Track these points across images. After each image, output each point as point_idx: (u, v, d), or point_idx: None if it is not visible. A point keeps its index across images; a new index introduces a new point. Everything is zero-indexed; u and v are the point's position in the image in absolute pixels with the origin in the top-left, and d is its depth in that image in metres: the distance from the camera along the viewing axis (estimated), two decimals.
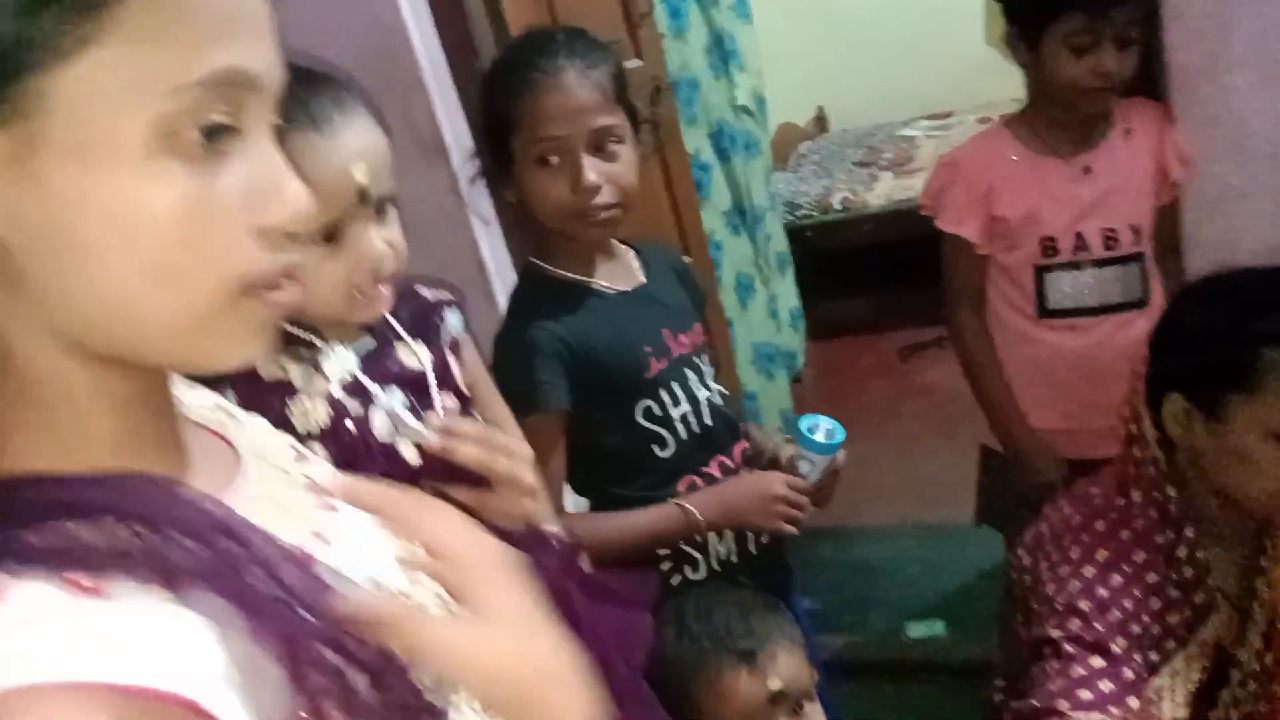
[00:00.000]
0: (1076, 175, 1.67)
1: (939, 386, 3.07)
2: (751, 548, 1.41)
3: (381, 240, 0.90)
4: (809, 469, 1.36)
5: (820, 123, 4.66)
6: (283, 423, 0.83)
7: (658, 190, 2.25)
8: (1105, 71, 1.56)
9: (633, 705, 0.95)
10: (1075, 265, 1.68)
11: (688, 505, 1.32)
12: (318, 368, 0.90)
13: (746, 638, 1.13)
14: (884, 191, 3.81)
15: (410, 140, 1.70)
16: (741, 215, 2.97)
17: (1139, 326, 1.62)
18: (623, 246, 1.41)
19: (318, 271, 0.88)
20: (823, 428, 1.37)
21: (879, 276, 3.52)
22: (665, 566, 1.36)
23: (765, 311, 3.04)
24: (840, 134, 4.50)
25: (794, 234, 3.51)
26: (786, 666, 1.12)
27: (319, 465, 0.67)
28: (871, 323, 3.69)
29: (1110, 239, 1.67)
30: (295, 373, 0.89)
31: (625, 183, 1.27)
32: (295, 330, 0.92)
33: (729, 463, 1.40)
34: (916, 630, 2.24)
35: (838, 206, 3.82)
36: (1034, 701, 1.16)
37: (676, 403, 1.34)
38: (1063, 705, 1.13)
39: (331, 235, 0.88)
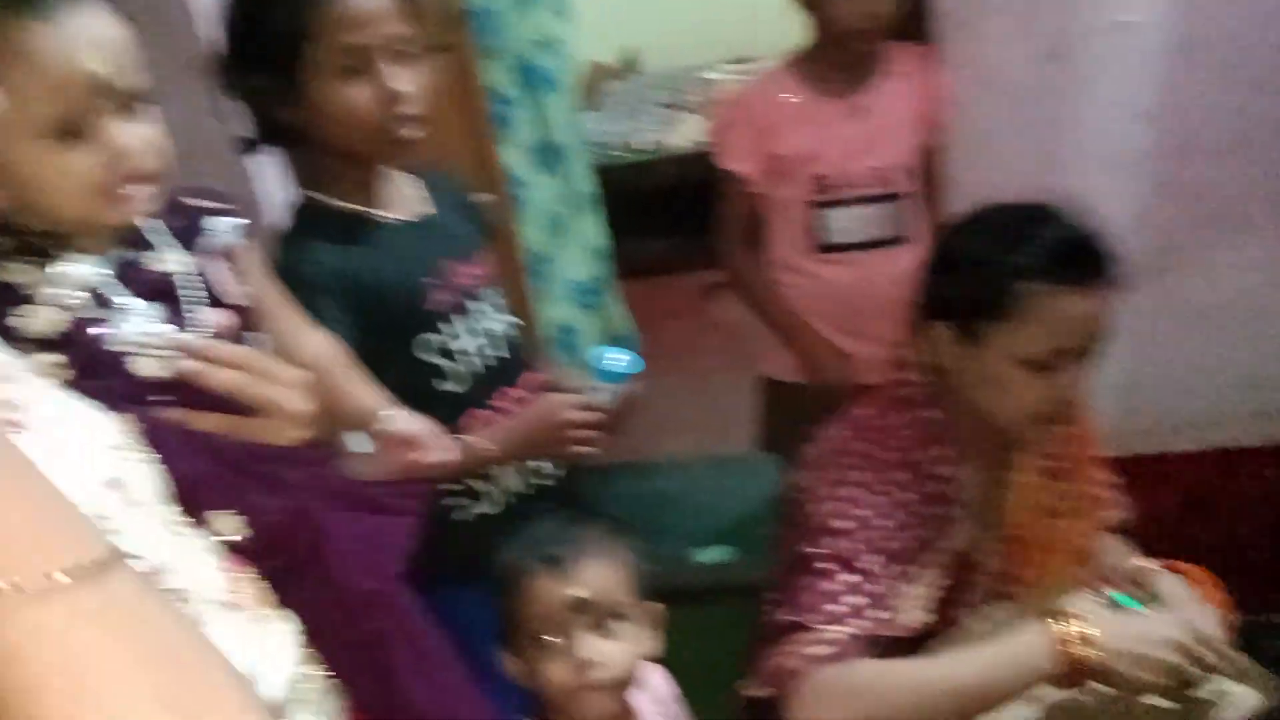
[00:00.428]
0: (849, 114, 1.74)
1: (737, 323, 3.16)
2: (542, 480, 1.42)
3: (132, 136, 0.84)
4: (603, 398, 1.38)
5: (629, 64, 4.66)
6: (4, 330, 0.78)
7: (454, 123, 2.20)
8: (872, 12, 1.64)
9: (383, 611, 0.94)
10: (847, 202, 1.76)
11: (475, 440, 1.30)
12: (54, 273, 0.83)
13: (558, 546, 1.14)
14: (688, 134, 3.85)
15: (173, 62, 1.57)
16: (548, 152, 2.94)
17: (904, 260, 1.70)
18: (407, 176, 1.37)
19: (58, 171, 0.81)
20: (615, 357, 1.39)
21: (683, 217, 3.57)
22: (454, 502, 1.35)
23: (578, 248, 3.04)
24: (648, 76, 4.52)
25: (599, 173, 3.50)
26: (596, 578, 1.12)
27: (26, 388, 0.63)
28: (676, 262, 3.75)
29: (879, 177, 1.75)
30: (29, 276, 0.83)
31: (427, 96, 1.23)
32: (32, 236, 0.85)
33: (520, 395, 1.39)
34: (705, 555, 2.32)
35: (644, 147, 3.84)
36: (785, 616, 1.21)
37: (458, 336, 1.33)
38: (811, 619, 1.18)
39: (73, 131, 0.81)
